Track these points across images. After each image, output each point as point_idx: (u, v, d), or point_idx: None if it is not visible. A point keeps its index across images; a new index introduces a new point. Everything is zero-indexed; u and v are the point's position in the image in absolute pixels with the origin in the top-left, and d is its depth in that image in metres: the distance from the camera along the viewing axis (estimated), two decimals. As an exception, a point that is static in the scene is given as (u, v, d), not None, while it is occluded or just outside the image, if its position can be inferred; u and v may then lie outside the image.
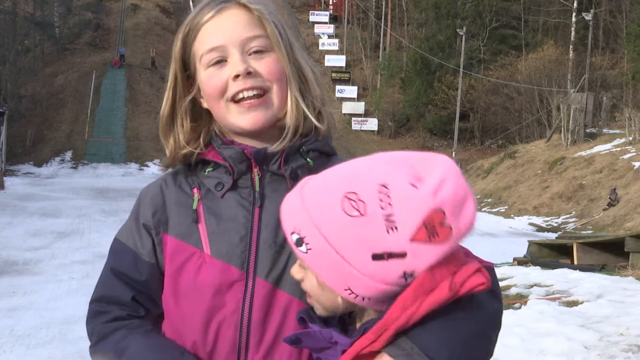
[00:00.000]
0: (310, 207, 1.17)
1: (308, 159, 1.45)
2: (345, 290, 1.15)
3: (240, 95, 1.41)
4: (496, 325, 1.26)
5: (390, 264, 1.12)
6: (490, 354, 1.23)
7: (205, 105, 1.48)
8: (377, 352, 1.17)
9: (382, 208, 1.11)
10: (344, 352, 1.20)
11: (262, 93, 1.42)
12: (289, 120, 1.43)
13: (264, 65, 1.41)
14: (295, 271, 1.25)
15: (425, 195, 1.11)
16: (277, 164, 1.43)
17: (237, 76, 1.40)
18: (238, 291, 1.37)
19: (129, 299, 1.44)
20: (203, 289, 1.38)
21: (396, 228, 1.11)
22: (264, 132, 1.44)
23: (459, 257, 1.17)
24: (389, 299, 1.15)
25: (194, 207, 1.44)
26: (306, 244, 1.16)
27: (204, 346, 1.39)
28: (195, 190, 1.46)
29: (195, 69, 1.46)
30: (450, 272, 1.13)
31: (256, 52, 1.41)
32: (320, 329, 1.24)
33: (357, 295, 1.15)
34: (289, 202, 1.22)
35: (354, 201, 1.13)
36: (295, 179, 1.41)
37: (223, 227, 1.41)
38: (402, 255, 1.12)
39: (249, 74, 1.40)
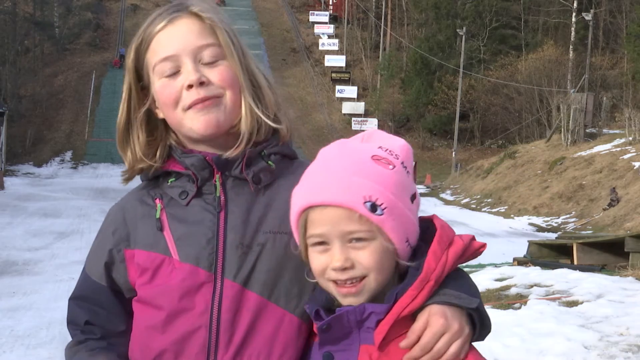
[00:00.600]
0: (365, 176, 1.30)
1: (269, 162, 1.47)
2: (405, 242, 1.32)
3: (194, 104, 1.43)
4: None
5: (415, 205, 1.36)
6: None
7: (160, 115, 1.49)
8: (415, 314, 1.29)
9: (397, 158, 1.34)
10: (377, 322, 1.28)
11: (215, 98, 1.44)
12: (244, 126, 1.45)
13: (217, 73, 1.43)
14: (343, 259, 1.30)
15: (405, 143, 1.38)
16: (239, 168, 1.45)
17: (190, 86, 1.41)
18: (207, 292, 1.40)
19: (82, 323, 1.52)
20: (172, 292, 1.41)
21: (409, 172, 1.35)
22: (220, 138, 1.46)
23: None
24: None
25: (157, 216, 1.46)
26: (380, 205, 1.29)
27: (173, 347, 1.41)
28: (157, 200, 1.48)
29: (149, 80, 1.48)
30: (453, 231, 1.36)
31: (208, 62, 1.43)
32: (353, 307, 1.30)
33: (409, 246, 1.33)
34: (335, 186, 1.30)
35: (382, 159, 1.33)
36: (257, 182, 1.45)
37: (189, 232, 1.44)
38: (416, 194, 1.36)
39: (201, 83, 1.41)
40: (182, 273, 1.42)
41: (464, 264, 1.41)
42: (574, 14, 49.02)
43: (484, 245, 1.37)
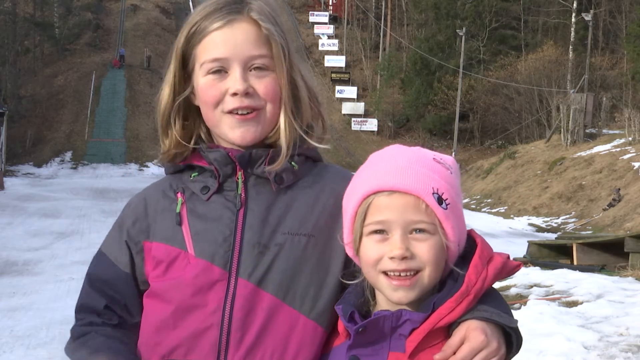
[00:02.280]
0: (433, 170, 1.35)
1: (293, 163, 1.47)
2: (458, 244, 1.35)
3: (235, 111, 1.44)
4: None
5: (461, 205, 1.40)
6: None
7: (196, 102, 1.50)
8: (451, 326, 1.28)
9: (447, 163, 1.40)
10: (412, 331, 1.28)
11: (256, 110, 1.44)
12: (283, 141, 1.45)
13: (263, 85, 1.43)
14: (405, 248, 1.30)
15: (453, 159, 1.43)
16: (262, 167, 1.45)
17: (235, 93, 1.42)
18: (220, 291, 1.40)
19: (101, 307, 1.49)
20: (184, 288, 1.41)
21: (452, 174, 1.39)
22: (253, 146, 1.47)
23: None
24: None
25: (177, 210, 1.47)
26: (445, 199, 1.32)
27: (184, 344, 1.41)
28: (179, 194, 1.49)
29: (193, 70, 1.48)
30: (492, 248, 1.38)
31: (257, 68, 1.43)
32: (391, 312, 1.30)
33: (459, 249, 1.35)
34: (407, 174, 1.33)
35: (441, 162, 1.38)
36: (279, 182, 1.45)
37: (207, 228, 1.44)
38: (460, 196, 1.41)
39: (247, 94, 1.42)
40: (196, 269, 1.42)
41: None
42: (573, 15, 48.99)
43: (519, 265, 1.38)
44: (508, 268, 1.35)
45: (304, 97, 1.49)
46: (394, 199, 1.30)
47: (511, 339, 1.30)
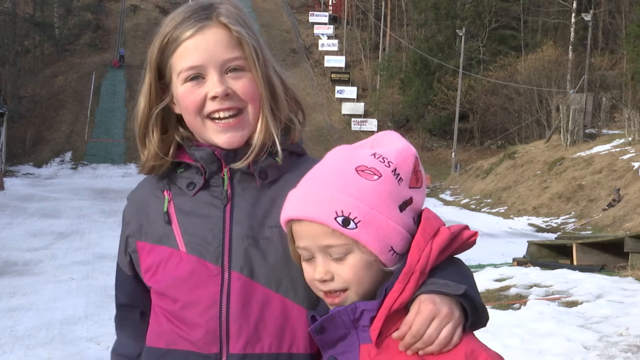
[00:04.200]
0: (341, 190, 1.32)
1: (277, 158, 1.50)
2: (389, 251, 1.31)
3: (217, 115, 1.47)
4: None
5: (407, 212, 1.35)
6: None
7: (177, 110, 1.53)
8: (407, 305, 1.29)
9: (387, 166, 1.33)
10: (372, 320, 1.29)
11: (237, 113, 1.47)
12: (256, 139, 1.48)
13: (240, 86, 1.46)
14: (323, 272, 1.33)
15: (406, 147, 1.37)
16: (241, 162, 1.48)
17: (214, 97, 1.45)
18: (215, 285, 1.44)
19: (122, 303, 1.67)
20: (181, 285, 1.46)
21: (401, 179, 1.34)
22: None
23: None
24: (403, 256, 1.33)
25: (165, 209, 1.51)
26: (353, 219, 1.30)
27: (186, 339, 1.46)
28: (165, 192, 1.53)
29: (171, 80, 1.51)
30: (440, 222, 1.36)
31: (233, 70, 1.46)
32: (345, 307, 1.32)
33: (395, 254, 1.32)
34: (311, 201, 1.32)
35: (367, 170, 1.33)
36: (264, 177, 1.50)
37: (195, 224, 1.48)
38: (410, 201, 1.35)
39: (227, 95, 1.45)
40: (190, 265, 1.46)
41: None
42: (573, 15, 49.00)
43: (475, 234, 1.37)
44: (461, 239, 1.35)
45: (280, 93, 1.52)
46: (304, 227, 1.34)
47: (475, 303, 1.31)
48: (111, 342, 1.66)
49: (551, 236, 20.93)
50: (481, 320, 1.35)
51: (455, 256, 1.38)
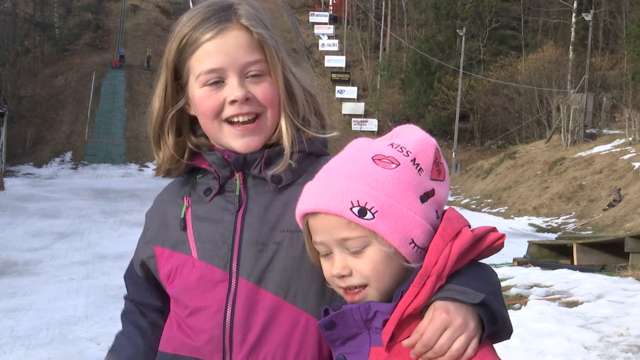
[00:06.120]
0: (357, 179, 1.26)
1: (291, 161, 1.46)
2: (410, 244, 1.25)
3: (235, 119, 1.44)
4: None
5: (429, 204, 1.28)
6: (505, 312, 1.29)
7: (192, 112, 1.50)
8: (423, 311, 1.23)
9: (406, 155, 1.28)
10: (384, 322, 1.24)
11: (255, 117, 1.45)
12: (286, 142, 1.45)
13: (261, 91, 1.44)
14: (341, 267, 1.27)
15: (425, 138, 1.31)
16: (258, 168, 1.46)
17: (234, 101, 1.42)
18: (221, 291, 1.42)
19: (128, 298, 1.69)
20: (191, 291, 1.45)
21: (422, 169, 1.28)
22: None
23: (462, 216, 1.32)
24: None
25: (182, 216, 1.50)
26: (370, 209, 1.24)
27: (191, 345, 1.44)
28: (185, 198, 1.52)
29: (188, 81, 1.47)
30: (464, 223, 1.28)
31: (254, 75, 1.43)
32: (358, 305, 1.27)
33: (416, 247, 1.25)
34: (325, 192, 1.27)
35: (384, 159, 1.28)
36: (277, 181, 1.45)
37: (208, 230, 1.46)
38: (432, 193, 1.29)
39: (246, 99, 1.42)
40: (199, 271, 1.44)
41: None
42: (573, 15, 48.98)
43: (502, 237, 1.28)
44: (486, 242, 1.26)
45: (298, 94, 1.49)
46: (320, 220, 1.28)
47: (495, 314, 1.23)
48: (111, 342, 1.65)
49: (551, 236, 20.93)
50: (504, 331, 1.27)
51: (481, 261, 1.30)
